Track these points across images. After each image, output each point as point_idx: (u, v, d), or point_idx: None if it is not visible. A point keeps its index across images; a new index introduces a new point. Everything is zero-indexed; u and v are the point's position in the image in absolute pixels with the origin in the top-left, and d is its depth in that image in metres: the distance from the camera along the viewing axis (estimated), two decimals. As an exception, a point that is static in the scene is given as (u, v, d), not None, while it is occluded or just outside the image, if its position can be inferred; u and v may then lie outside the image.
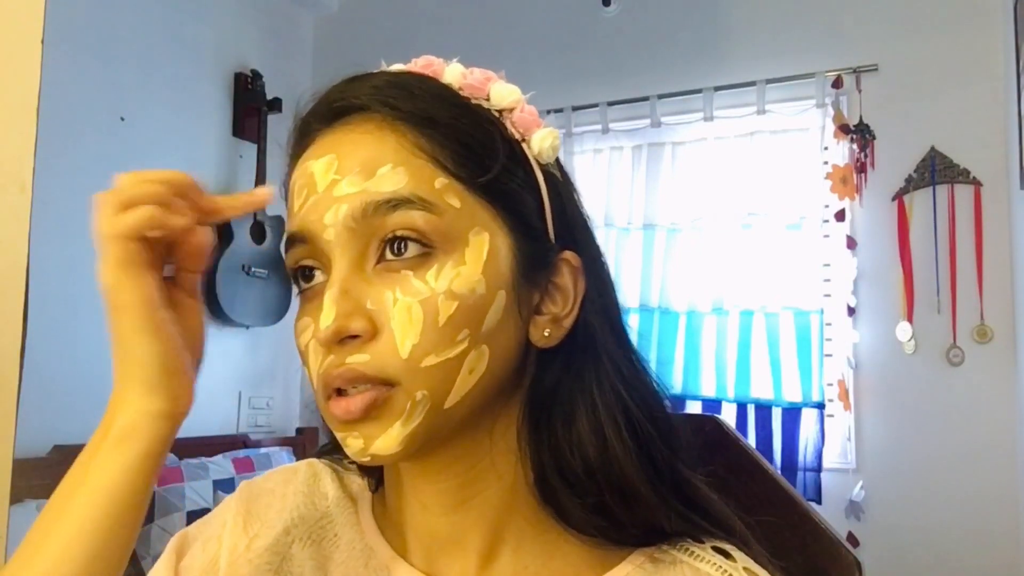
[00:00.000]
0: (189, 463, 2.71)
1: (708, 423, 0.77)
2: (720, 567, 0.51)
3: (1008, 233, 2.61)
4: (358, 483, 0.61)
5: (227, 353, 3.35)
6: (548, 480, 0.50)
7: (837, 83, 2.88)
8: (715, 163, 3.04)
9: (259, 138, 3.41)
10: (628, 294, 3.10)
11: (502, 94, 0.53)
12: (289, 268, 0.51)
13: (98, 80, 2.90)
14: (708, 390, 2.95)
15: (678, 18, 3.20)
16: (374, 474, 0.60)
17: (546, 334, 0.51)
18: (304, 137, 0.52)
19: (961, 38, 2.73)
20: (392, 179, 0.47)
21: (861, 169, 2.82)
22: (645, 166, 3.16)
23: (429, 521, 0.53)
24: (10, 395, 0.86)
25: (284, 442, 3.37)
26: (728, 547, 0.53)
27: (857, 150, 2.82)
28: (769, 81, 2.95)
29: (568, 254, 0.53)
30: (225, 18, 3.45)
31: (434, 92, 0.51)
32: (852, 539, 2.67)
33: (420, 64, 0.54)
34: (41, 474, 2.49)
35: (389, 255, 0.47)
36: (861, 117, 2.83)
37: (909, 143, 2.77)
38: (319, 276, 0.50)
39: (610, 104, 3.21)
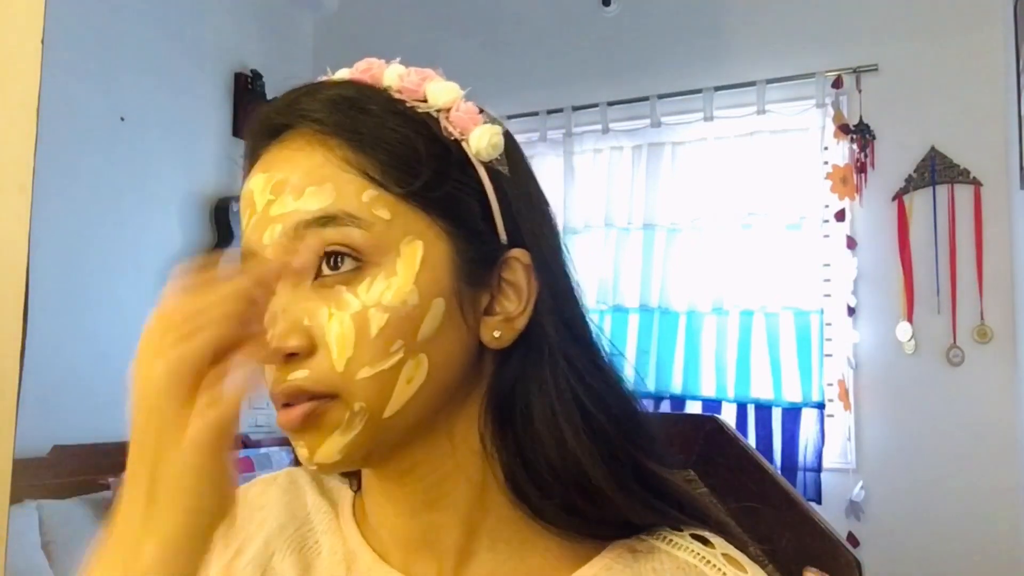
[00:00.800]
0: (189, 463, 2.71)
1: (708, 423, 0.77)
2: (698, 553, 0.52)
3: (1008, 233, 2.61)
4: (338, 488, 0.62)
5: (227, 353, 3.35)
6: (517, 479, 0.50)
7: (837, 83, 2.88)
8: (715, 163, 3.04)
9: (259, 138, 3.41)
10: (628, 294, 3.10)
11: (437, 93, 0.52)
12: None
13: (98, 80, 2.90)
14: (708, 390, 2.95)
15: (678, 18, 3.21)
16: (354, 477, 0.60)
17: (496, 335, 0.51)
18: (251, 155, 0.53)
19: (961, 38, 2.73)
20: (319, 196, 0.47)
21: (861, 169, 2.82)
22: (645, 166, 3.16)
23: (402, 523, 0.53)
24: (10, 395, 0.86)
25: (284, 442, 3.36)
26: (706, 534, 0.53)
27: (857, 150, 2.82)
28: (769, 81, 2.95)
29: (517, 252, 0.52)
30: (225, 18, 3.45)
31: (357, 100, 0.51)
32: (852, 539, 2.68)
33: (360, 68, 0.54)
34: (41, 474, 2.49)
35: (325, 270, 0.47)
36: (861, 117, 2.83)
37: (909, 143, 2.77)
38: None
39: (610, 104, 3.21)
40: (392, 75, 0.53)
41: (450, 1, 3.61)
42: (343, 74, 0.55)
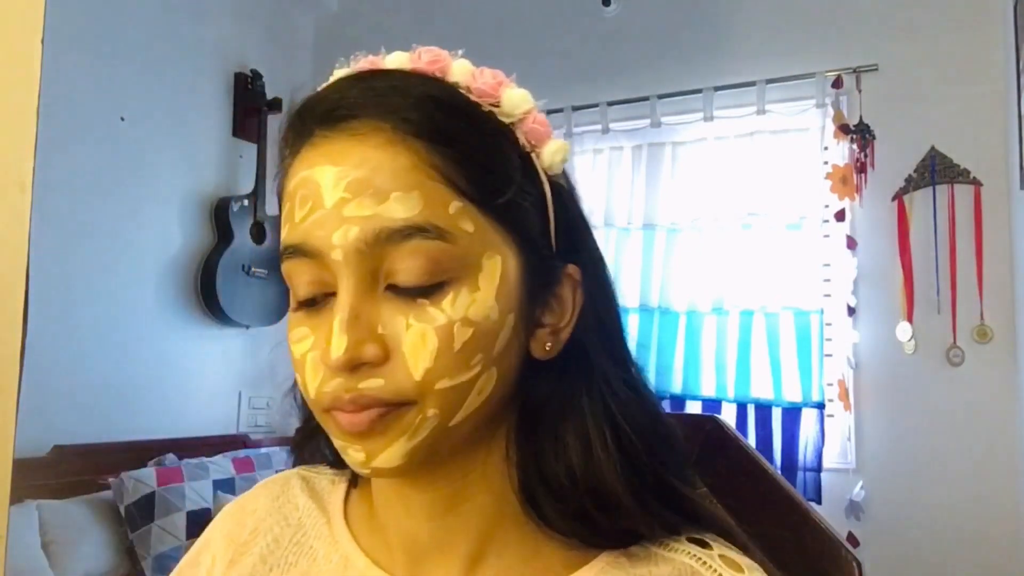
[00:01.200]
0: (189, 463, 2.71)
1: (708, 423, 0.77)
2: (695, 555, 0.52)
3: (1008, 233, 2.61)
4: (328, 487, 0.61)
5: (227, 353, 3.35)
6: (532, 486, 0.51)
7: (837, 83, 2.88)
8: (715, 163, 3.04)
9: (259, 138, 3.41)
10: (628, 294, 3.10)
11: (515, 102, 0.51)
12: (287, 276, 0.49)
13: (98, 80, 2.90)
14: (708, 390, 2.95)
15: (678, 18, 3.21)
16: (348, 476, 0.60)
17: (547, 347, 0.51)
18: (300, 137, 0.49)
19: (961, 38, 2.73)
20: (405, 204, 0.45)
21: (861, 169, 2.82)
22: (645, 166, 3.16)
23: (414, 526, 0.53)
24: (10, 395, 0.86)
25: (284, 442, 3.36)
26: (704, 536, 0.53)
27: (857, 150, 2.82)
28: (769, 81, 2.95)
29: (571, 268, 0.52)
30: (225, 18, 3.45)
31: (447, 101, 0.49)
32: (852, 539, 2.67)
33: (426, 60, 0.51)
34: (41, 474, 2.49)
35: (401, 280, 0.46)
36: (861, 117, 2.83)
37: (909, 143, 2.77)
38: (323, 289, 0.48)
39: (610, 104, 3.21)
40: (463, 71, 0.51)
41: (449, 1, 3.61)
42: (401, 60, 0.52)
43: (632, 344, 0.57)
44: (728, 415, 2.88)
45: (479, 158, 0.48)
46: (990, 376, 2.60)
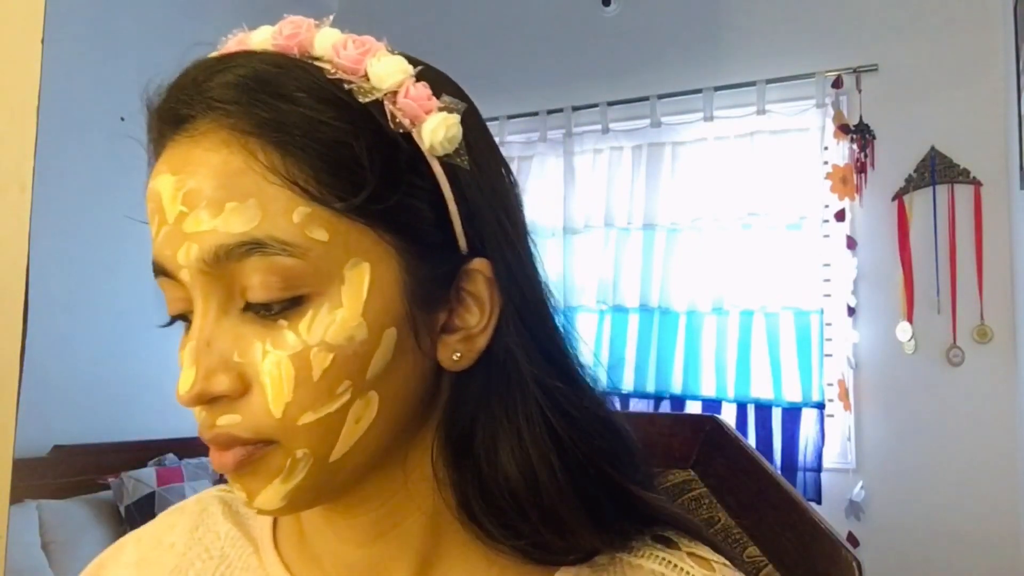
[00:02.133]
0: (189, 463, 2.72)
1: (708, 423, 0.77)
2: (664, 559, 0.48)
3: (1008, 233, 2.61)
4: (253, 513, 0.55)
5: (227, 353, 3.35)
6: (472, 506, 0.45)
7: (837, 83, 2.88)
8: (715, 163, 3.04)
9: (259, 138, 3.41)
10: (628, 294, 3.10)
11: (382, 75, 0.42)
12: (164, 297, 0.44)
13: (98, 80, 2.90)
14: (708, 390, 2.95)
15: (678, 18, 3.21)
16: None
17: (455, 357, 0.44)
18: (152, 137, 0.44)
19: (961, 38, 2.73)
20: (242, 216, 0.39)
21: (861, 169, 2.82)
22: (645, 166, 3.16)
23: (347, 552, 0.48)
24: (10, 395, 0.86)
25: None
26: (669, 534, 0.49)
27: (857, 150, 2.82)
28: (769, 81, 2.95)
29: (478, 263, 0.45)
30: (225, 18, 3.45)
31: (287, 86, 0.41)
32: (852, 539, 2.68)
33: (285, 33, 0.44)
34: (41, 474, 2.49)
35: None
36: (861, 117, 2.83)
37: (909, 143, 2.77)
38: (189, 309, 0.43)
39: (610, 104, 3.21)
40: (324, 44, 0.44)
41: (450, 1, 3.61)
42: (263, 37, 0.45)
43: (632, 344, 0.54)
44: (728, 415, 2.88)
45: (324, 151, 0.40)
46: (990, 376, 2.60)
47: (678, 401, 2.98)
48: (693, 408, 2.94)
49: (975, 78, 2.70)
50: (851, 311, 2.80)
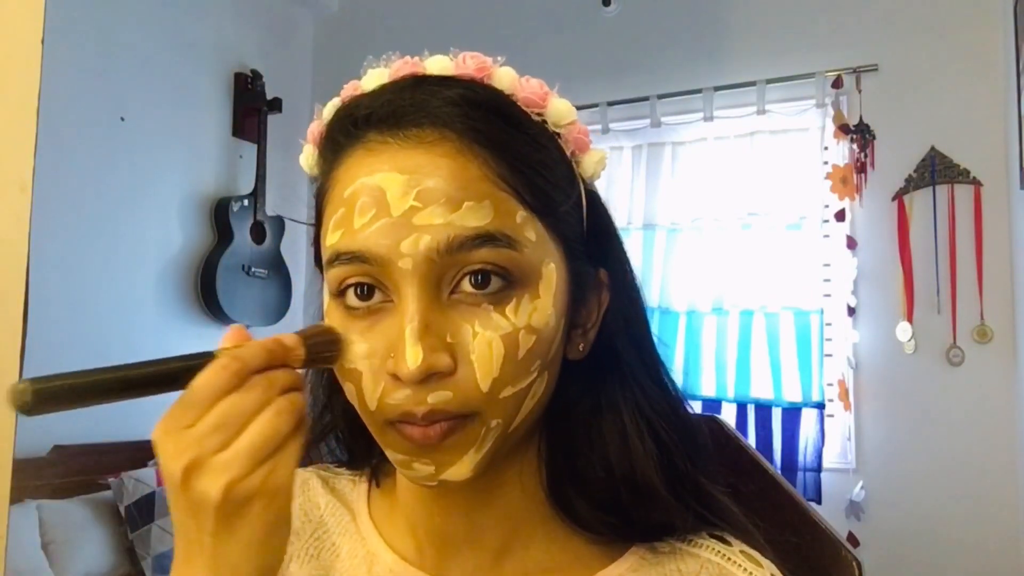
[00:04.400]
0: (189, 463, 2.71)
1: (708, 423, 0.77)
2: (719, 551, 0.53)
3: (1008, 233, 2.61)
4: (349, 487, 0.61)
5: (227, 353, 3.35)
6: (559, 481, 0.52)
7: (837, 83, 2.88)
8: (715, 163, 3.04)
9: (259, 138, 3.41)
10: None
11: (561, 112, 0.52)
12: (335, 282, 0.48)
13: (98, 80, 2.90)
14: (708, 390, 2.95)
15: (678, 18, 3.20)
16: (368, 476, 0.60)
17: (580, 348, 0.52)
18: (349, 139, 0.49)
19: (961, 38, 2.73)
20: (478, 213, 0.46)
21: (861, 169, 2.82)
22: (645, 166, 3.16)
23: (448, 521, 0.53)
24: (10, 395, 0.86)
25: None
26: (723, 534, 0.54)
27: (857, 150, 2.82)
28: (769, 81, 2.95)
29: (603, 272, 0.54)
30: (225, 18, 3.45)
31: (507, 111, 0.50)
32: (852, 539, 2.67)
33: (473, 66, 0.51)
34: (41, 474, 2.49)
35: (467, 287, 0.46)
36: (861, 117, 2.83)
37: (909, 143, 2.77)
38: (379, 296, 0.47)
39: (610, 104, 3.21)
40: (508, 79, 0.52)
41: (450, 1, 3.61)
42: (444, 64, 0.52)
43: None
44: (728, 415, 2.88)
45: (539, 169, 0.49)
46: (990, 376, 2.60)
47: (678, 401, 2.98)
48: (693, 408, 2.94)
49: (975, 78, 2.70)
50: (851, 311, 2.80)
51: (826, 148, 2.89)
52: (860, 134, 2.82)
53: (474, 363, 0.45)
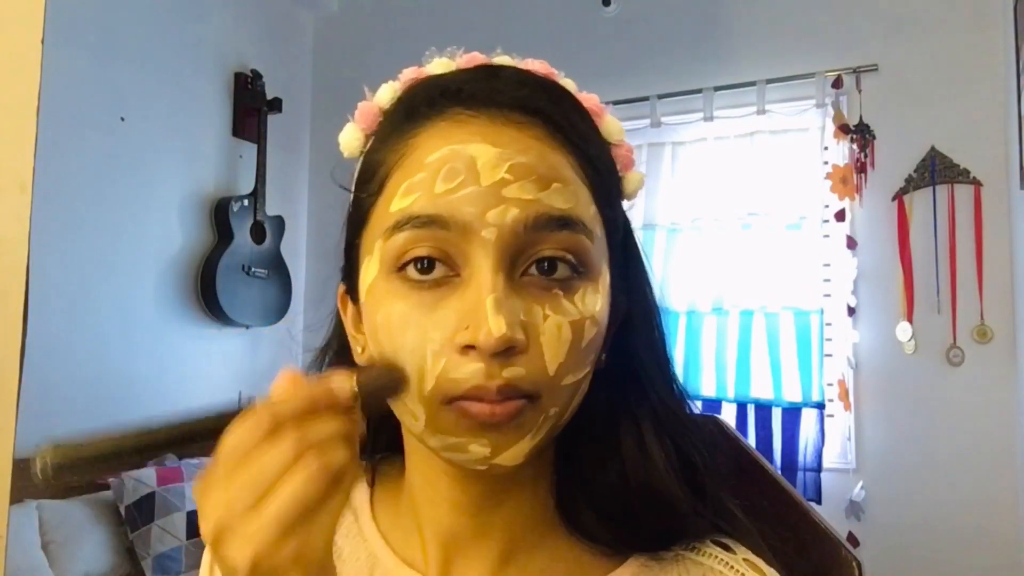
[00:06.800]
0: (189, 463, 2.71)
1: (708, 423, 0.77)
2: (722, 560, 0.52)
3: (1008, 233, 2.61)
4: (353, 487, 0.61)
5: (227, 353, 3.35)
6: (567, 488, 0.52)
7: (837, 83, 2.88)
8: (715, 163, 3.04)
9: (259, 138, 3.41)
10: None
11: (613, 129, 0.54)
12: (398, 251, 0.46)
13: (98, 80, 2.90)
14: (708, 390, 2.95)
15: (678, 18, 3.20)
16: (368, 476, 0.60)
17: (603, 357, 0.52)
18: (430, 108, 0.49)
19: (961, 38, 2.73)
20: (565, 196, 0.46)
21: (861, 169, 2.82)
22: (645, 166, 3.16)
23: (456, 521, 0.52)
24: (10, 395, 0.86)
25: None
26: (727, 540, 0.53)
27: (857, 150, 2.82)
28: (769, 81, 2.95)
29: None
30: (225, 18, 3.45)
31: (583, 113, 0.52)
32: (852, 539, 2.67)
33: (540, 69, 0.54)
34: (41, 474, 2.48)
35: (535, 270, 0.46)
36: (861, 117, 2.83)
37: (909, 143, 2.77)
38: (441, 269, 0.46)
39: (610, 104, 3.20)
40: (572, 87, 0.55)
41: (449, 1, 3.61)
42: (511, 63, 0.54)
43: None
44: (728, 415, 2.88)
45: (605, 170, 0.51)
46: (990, 376, 2.60)
47: (678, 401, 2.98)
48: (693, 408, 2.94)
49: (975, 78, 2.70)
50: (851, 311, 2.80)
51: (826, 148, 2.89)
52: (860, 134, 2.82)
53: (543, 345, 0.45)
